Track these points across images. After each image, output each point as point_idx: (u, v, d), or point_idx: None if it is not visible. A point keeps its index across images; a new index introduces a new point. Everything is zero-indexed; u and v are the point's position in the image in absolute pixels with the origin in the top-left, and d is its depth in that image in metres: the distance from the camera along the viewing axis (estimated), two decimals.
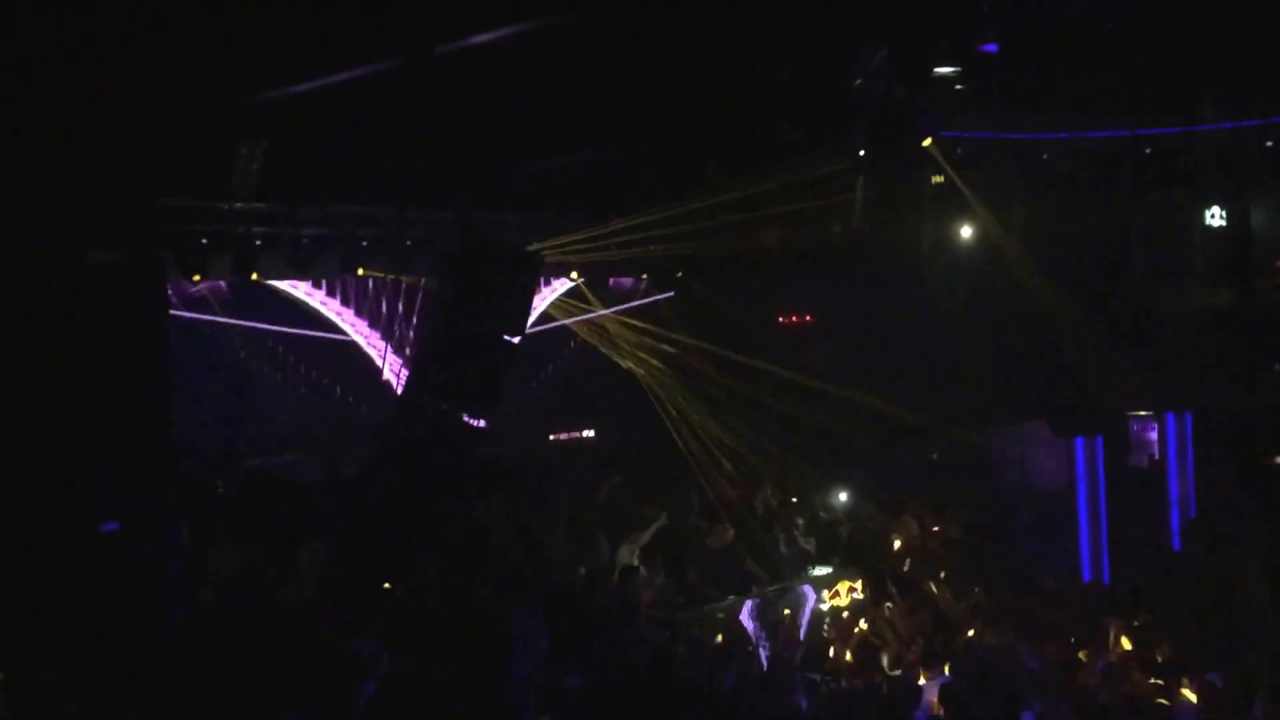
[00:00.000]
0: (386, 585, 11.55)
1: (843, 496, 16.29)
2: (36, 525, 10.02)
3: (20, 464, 10.01)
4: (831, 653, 12.57)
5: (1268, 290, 16.74)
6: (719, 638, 12.34)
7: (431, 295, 15.24)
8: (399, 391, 15.61)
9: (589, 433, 17.40)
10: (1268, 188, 16.50)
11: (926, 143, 14.50)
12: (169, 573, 11.08)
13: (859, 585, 14.13)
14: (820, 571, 14.26)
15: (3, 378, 9.93)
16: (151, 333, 11.53)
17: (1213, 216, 16.99)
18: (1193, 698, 10.59)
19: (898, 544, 15.15)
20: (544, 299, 17.09)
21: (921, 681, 11.16)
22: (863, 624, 12.98)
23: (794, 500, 15.93)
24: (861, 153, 15.43)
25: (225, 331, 15.40)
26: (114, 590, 10.02)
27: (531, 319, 16.83)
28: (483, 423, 13.53)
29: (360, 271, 15.06)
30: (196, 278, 13.50)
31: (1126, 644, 12.13)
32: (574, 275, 16.21)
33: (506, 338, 13.17)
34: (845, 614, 13.46)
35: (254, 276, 14.07)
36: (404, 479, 12.88)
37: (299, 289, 15.58)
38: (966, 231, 15.90)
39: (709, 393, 16.72)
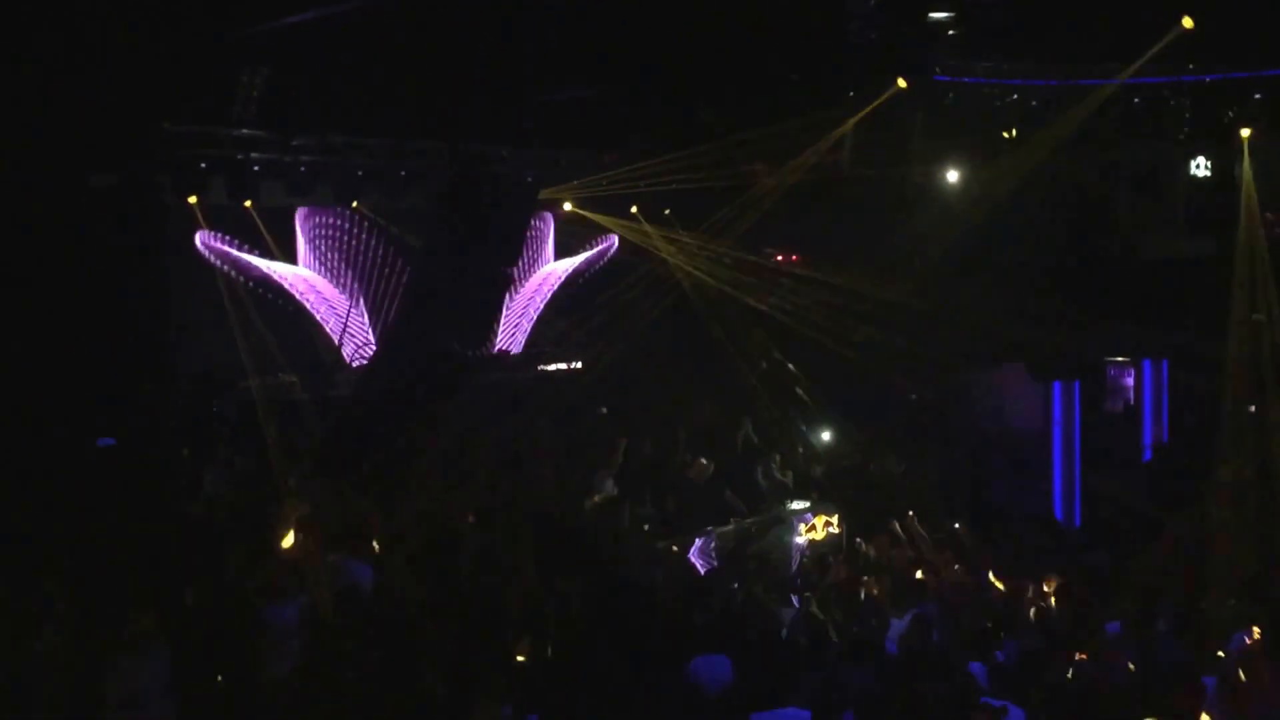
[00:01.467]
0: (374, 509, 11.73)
1: (823, 435, 16.53)
2: (36, 439, 10.26)
3: (21, 379, 10.23)
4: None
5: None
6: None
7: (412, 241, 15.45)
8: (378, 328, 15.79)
9: (577, 364, 17.54)
10: (1254, 139, 16.63)
11: (908, 86, 14.58)
12: (165, 487, 11.37)
13: (835, 520, 14.43)
14: (797, 506, 14.52)
15: (6, 297, 10.12)
16: (150, 255, 11.74)
17: (1198, 166, 17.15)
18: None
19: (873, 481, 15.43)
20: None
21: (893, 616, 11.44)
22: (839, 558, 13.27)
23: (774, 436, 16.16)
24: (852, 94, 15.57)
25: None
26: (111, 503, 10.28)
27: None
28: (475, 350, 13.73)
29: (355, 205, 15.19)
30: (193, 199, 13.63)
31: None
32: (567, 206, 16.34)
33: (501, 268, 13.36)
34: (821, 548, 13.78)
35: (247, 204, 14.21)
36: (393, 405, 13.09)
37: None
38: (952, 175, 16.07)
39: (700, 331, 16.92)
